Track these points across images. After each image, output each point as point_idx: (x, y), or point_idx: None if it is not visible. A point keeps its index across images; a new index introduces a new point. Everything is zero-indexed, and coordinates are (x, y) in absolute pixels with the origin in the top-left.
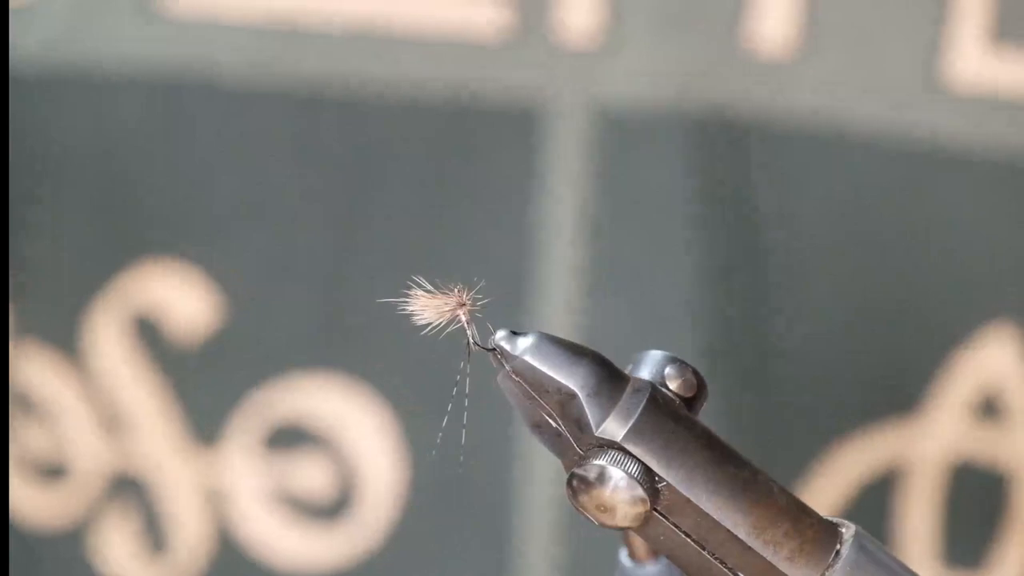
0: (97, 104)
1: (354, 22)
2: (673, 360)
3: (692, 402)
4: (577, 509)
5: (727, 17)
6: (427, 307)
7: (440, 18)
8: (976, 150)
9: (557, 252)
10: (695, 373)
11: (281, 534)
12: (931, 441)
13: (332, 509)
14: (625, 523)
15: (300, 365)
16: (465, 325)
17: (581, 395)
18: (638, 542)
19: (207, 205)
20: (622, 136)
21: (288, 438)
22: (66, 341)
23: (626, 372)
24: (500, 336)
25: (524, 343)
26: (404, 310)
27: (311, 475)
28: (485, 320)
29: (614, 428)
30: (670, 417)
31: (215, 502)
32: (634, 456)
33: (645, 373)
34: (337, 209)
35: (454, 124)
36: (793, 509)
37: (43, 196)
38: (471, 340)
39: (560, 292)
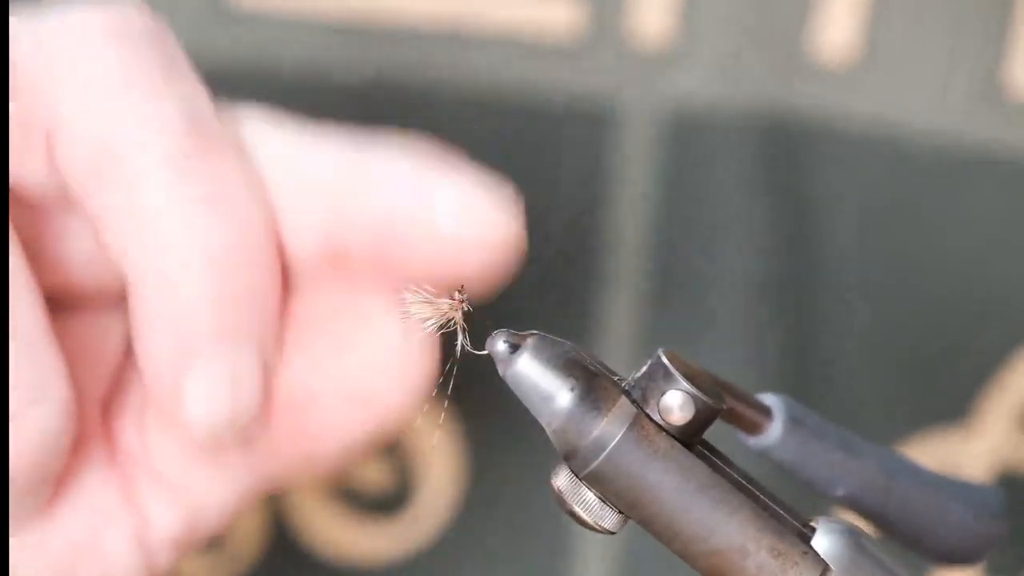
0: None
1: (422, 20)
2: (675, 387)
3: (688, 425)
4: None
5: (795, 23)
6: (423, 309)
7: (510, 17)
8: None
9: (622, 254)
10: (696, 399)
11: (337, 526)
12: (977, 451)
13: (390, 502)
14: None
15: None
16: (459, 330)
17: (548, 431)
18: (745, 423)
19: None
20: (691, 140)
21: None
22: None
23: (631, 378)
24: (495, 337)
25: (514, 353)
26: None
27: (368, 467)
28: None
29: (577, 466)
30: (637, 462)
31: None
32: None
33: (644, 386)
34: None
35: (523, 124)
36: (763, 551)
37: None
38: (461, 345)
39: (624, 292)
